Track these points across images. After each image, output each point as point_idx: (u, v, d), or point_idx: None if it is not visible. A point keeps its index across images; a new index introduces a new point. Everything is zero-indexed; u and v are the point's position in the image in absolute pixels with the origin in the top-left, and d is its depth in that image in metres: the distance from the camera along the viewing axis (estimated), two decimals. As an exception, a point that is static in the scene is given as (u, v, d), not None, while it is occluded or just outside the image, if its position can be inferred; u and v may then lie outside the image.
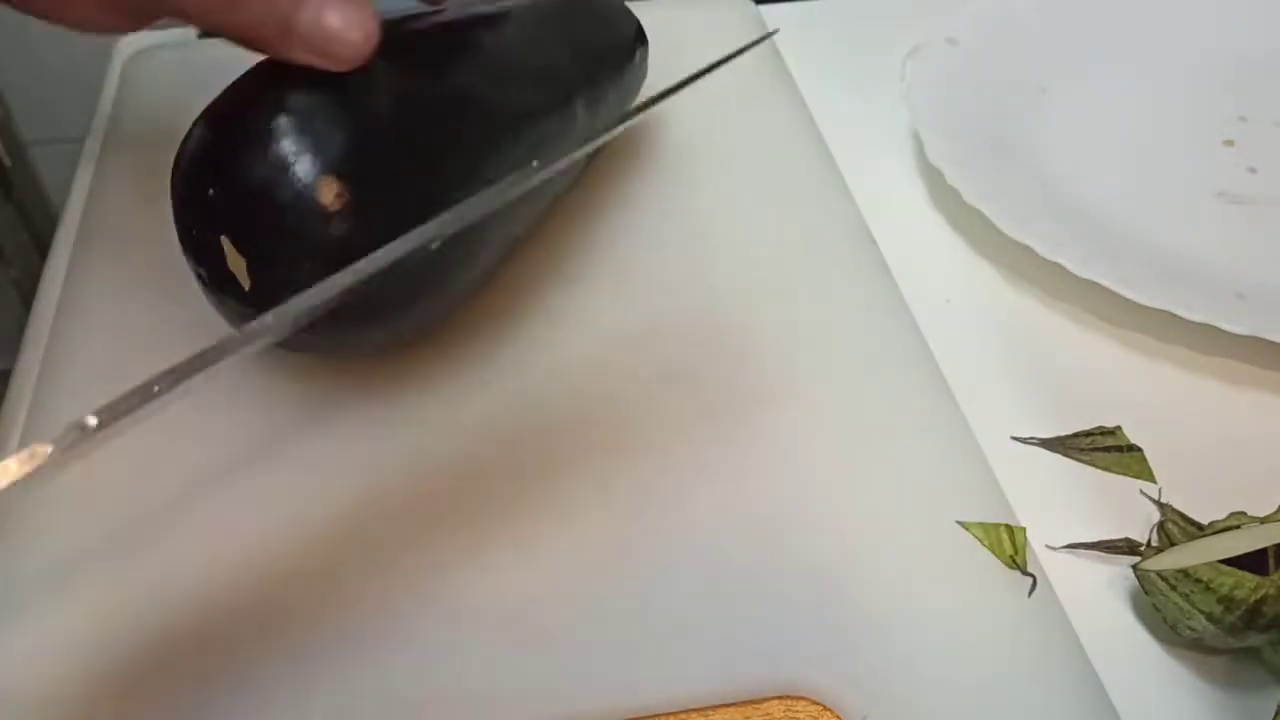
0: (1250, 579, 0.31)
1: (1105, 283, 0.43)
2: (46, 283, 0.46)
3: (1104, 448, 0.39)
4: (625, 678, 0.32)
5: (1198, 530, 0.36)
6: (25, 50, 0.78)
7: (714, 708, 0.32)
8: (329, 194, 0.31)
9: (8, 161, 0.87)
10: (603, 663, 0.32)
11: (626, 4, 0.48)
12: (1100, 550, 0.37)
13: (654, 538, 0.35)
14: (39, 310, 0.45)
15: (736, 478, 0.36)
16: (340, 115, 0.32)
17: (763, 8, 0.60)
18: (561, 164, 0.32)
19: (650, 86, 0.50)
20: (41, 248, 0.88)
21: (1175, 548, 0.34)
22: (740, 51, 0.38)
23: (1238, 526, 0.34)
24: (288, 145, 0.31)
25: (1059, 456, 0.40)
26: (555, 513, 0.35)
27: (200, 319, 0.40)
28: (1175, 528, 0.36)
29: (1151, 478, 0.38)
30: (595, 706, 0.31)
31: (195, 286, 0.41)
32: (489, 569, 0.34)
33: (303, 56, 0.31)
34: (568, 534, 0.35)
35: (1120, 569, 0.36)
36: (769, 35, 0.42)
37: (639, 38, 0.47)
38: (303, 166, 0.31)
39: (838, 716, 0.31)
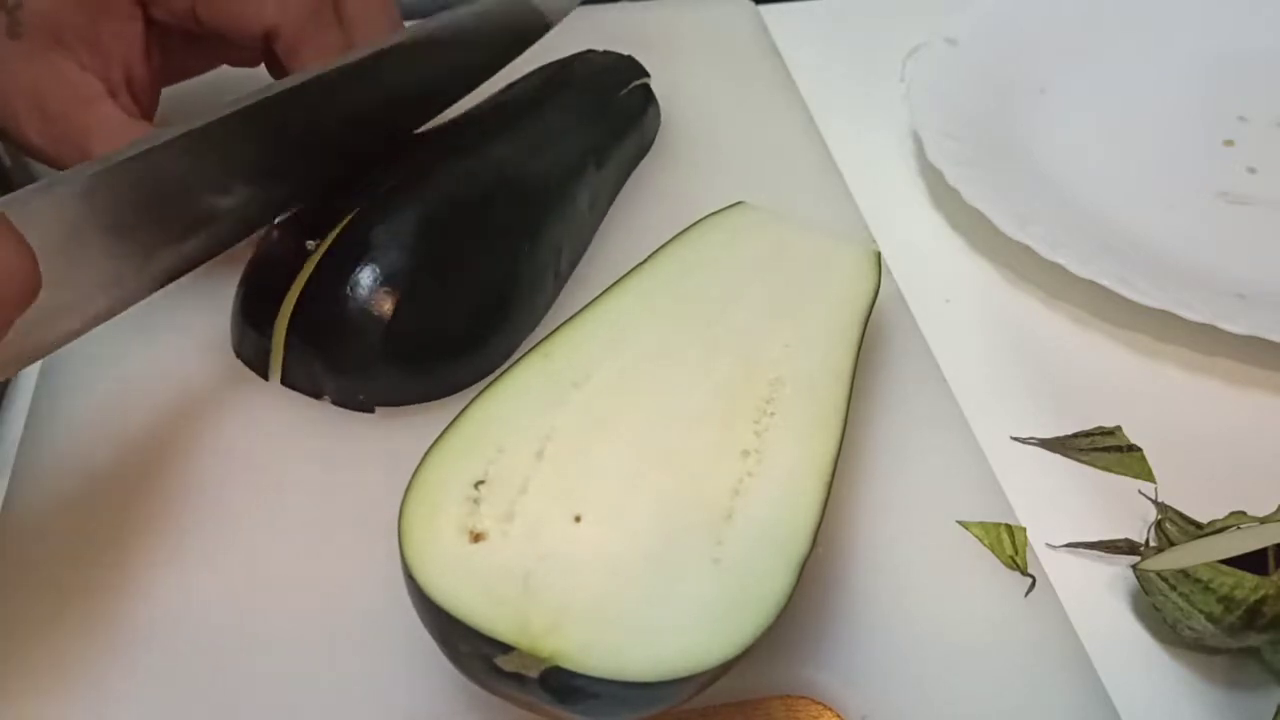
0: (1250, 579, 0.31)
1: (1105, 283, 0.43)
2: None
3: (1104, 448, 0.39)
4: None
5: (1196, 530, 0.36)
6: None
7: (714, 707, 0.32)
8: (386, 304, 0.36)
9: (8, 161, 0.86)
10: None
11: (633, 58, 0.50)
12: (1100, 550, 0.37)
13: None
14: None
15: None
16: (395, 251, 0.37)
17: (762, 8, 0.60)
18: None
19: (655, 90, 0.50)
20: (41, 248, 0.88)
21: (1175, 548, 0.34)
22: None
23: (1237, 526, 0.34)
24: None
25: (1059, 456, 0.40)
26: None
27: (199, 315, 0.40)
28: (1174, 527, 0.36)
29: (1151, 477, 0.38)
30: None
31: (193, 286, 0.41)
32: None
33: None
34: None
35: (1120, 569, 0.36)
36: None
37: (648, 99, 0.50)
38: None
39: (838, 716, 0.31)
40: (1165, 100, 0.56)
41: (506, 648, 0.25)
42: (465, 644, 0.26)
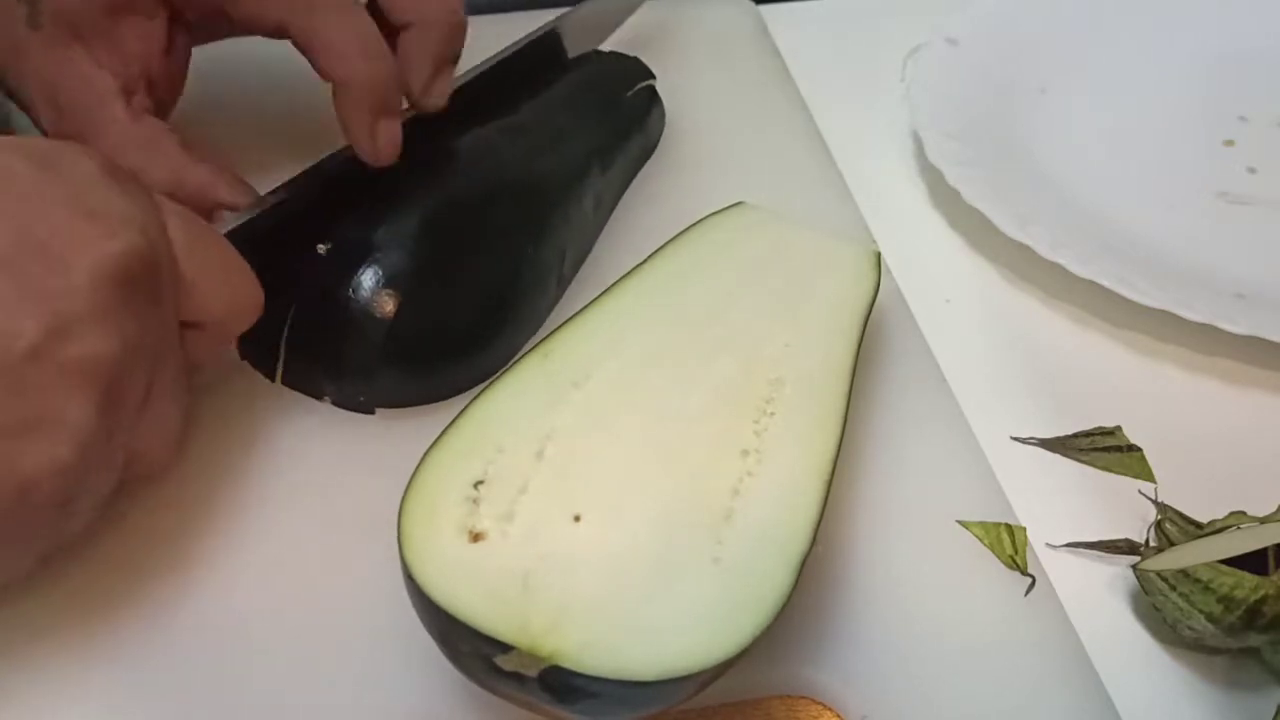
0: (1250, 579, 0.31)
1: (1105, 283, 0.43)
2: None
3: (1104, 448, 0.39)
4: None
5: (1196, 529, 0.36)
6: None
7: (714, 707, 0.32)
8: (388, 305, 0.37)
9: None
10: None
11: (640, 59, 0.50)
12: (1100, 550, 0.37)
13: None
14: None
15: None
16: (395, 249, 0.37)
17: (762, 8, 0.60)
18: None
19: (659, 91, 0.50)
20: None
21: (1175, 548, 0.34)
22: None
23: (1237, 526, 0.34)
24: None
25: (1059, 456, 0.40)
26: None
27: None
28: (1173, 527, 0.36)
29: (1151, 477, 0.38)
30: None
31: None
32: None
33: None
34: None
35: (1120, 569, 0.36)
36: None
37: (653, 100, 0.50)
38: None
39: (838, 716, 0.31)
40: (1165, 100, 0.56)
41: (506, 647, 0.25)
42: (465, 644, 0.26)
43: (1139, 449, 0.39)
